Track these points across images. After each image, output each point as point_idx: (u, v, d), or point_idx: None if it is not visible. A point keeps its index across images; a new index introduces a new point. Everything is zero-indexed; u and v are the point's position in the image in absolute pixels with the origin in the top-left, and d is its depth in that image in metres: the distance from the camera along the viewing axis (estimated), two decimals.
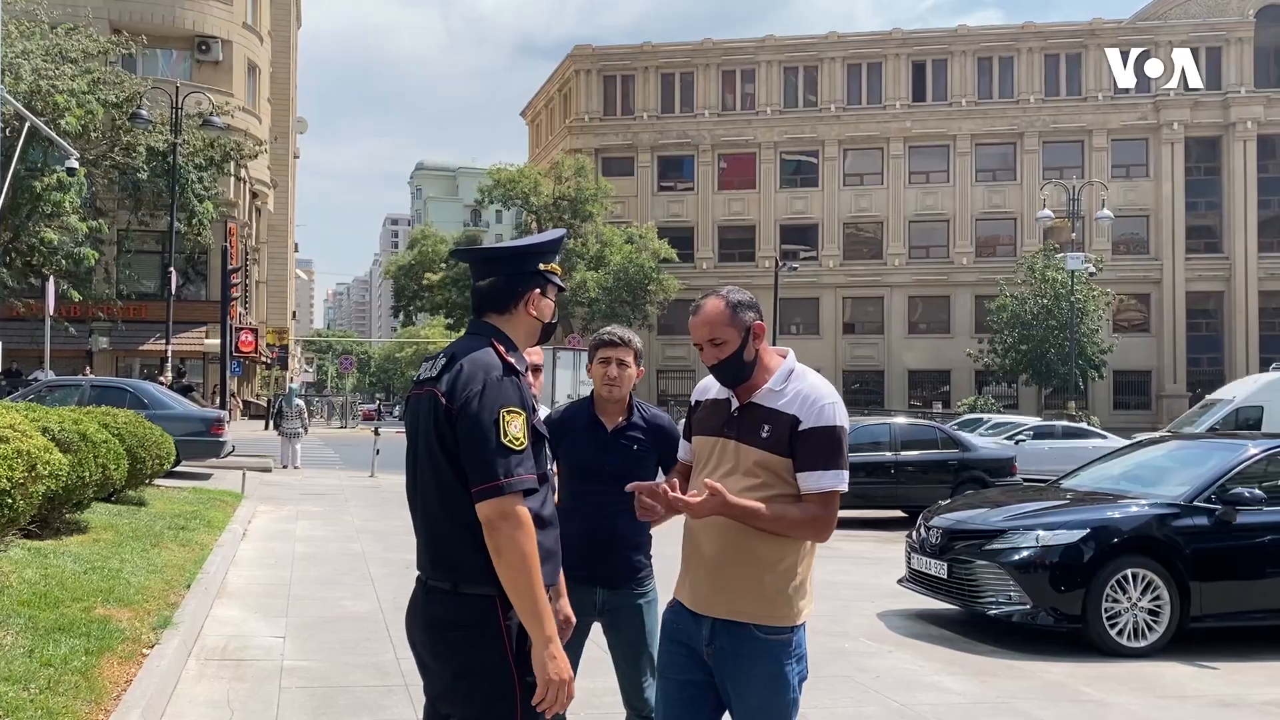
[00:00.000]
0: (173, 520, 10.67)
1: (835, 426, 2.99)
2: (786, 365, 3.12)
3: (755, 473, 3.03)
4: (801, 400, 3.02)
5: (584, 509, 3.79)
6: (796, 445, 2.99)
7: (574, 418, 3.99)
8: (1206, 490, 7.85)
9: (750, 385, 3.10)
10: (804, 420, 2.99)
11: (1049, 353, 42.31)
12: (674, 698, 3.22)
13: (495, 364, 2.65)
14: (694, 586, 3.15)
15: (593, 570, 3.76)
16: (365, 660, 6.53)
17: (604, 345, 3.89)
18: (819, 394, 3.03)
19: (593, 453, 3.86)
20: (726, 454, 3.09)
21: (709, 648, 3.10)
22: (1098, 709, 6.13)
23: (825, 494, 2.98)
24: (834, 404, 3.02)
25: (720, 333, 3.06)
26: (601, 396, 3.92)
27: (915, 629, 8.14)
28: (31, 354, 31.11)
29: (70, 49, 28.39)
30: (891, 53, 53.29)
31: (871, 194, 53.08)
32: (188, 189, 30.88)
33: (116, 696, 4.97)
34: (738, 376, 3.10)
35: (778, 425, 3.01)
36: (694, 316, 3.14)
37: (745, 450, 3.05)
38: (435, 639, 2.67)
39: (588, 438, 3.88)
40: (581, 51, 56.42)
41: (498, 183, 50.03)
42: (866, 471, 15.63)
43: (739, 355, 3.07)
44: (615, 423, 3.89)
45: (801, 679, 3.10)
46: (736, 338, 3.07)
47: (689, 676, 3.17)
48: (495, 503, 2.52)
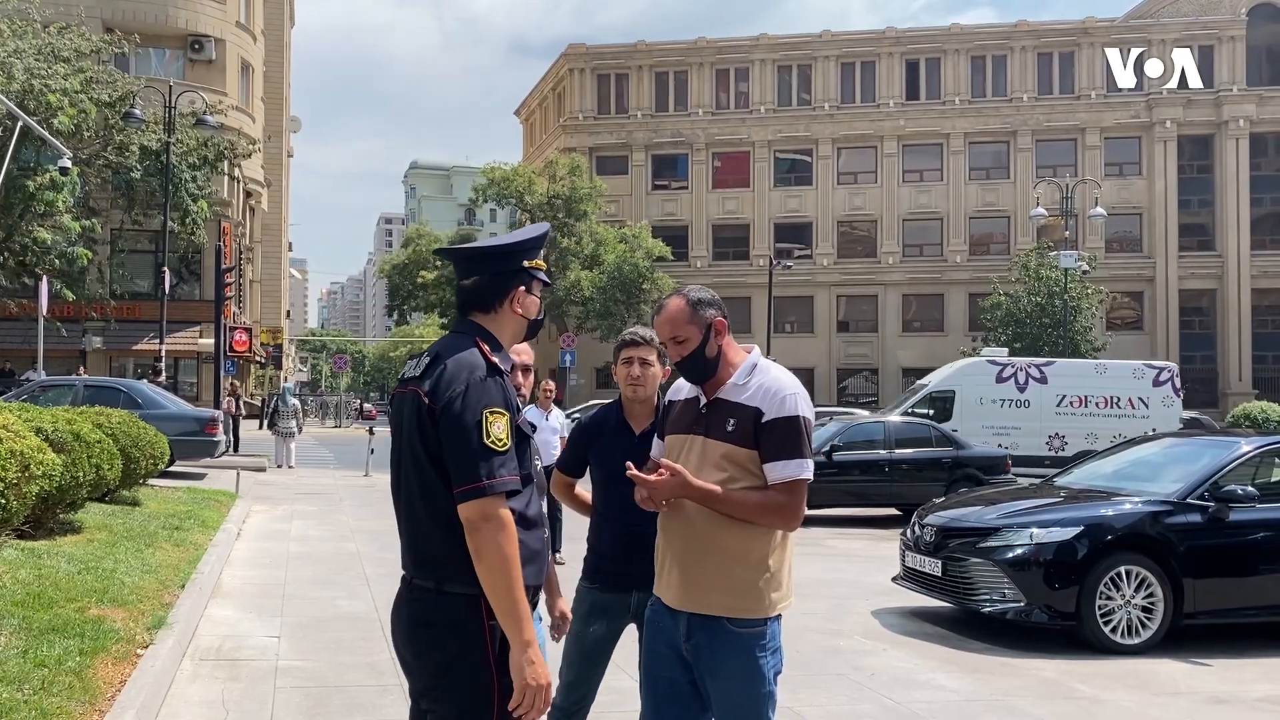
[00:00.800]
0: (167, 520, 10.66)
1: (798, 416, 3.04)
2: (750, 360, 3.18)
3: (723, 466, 3.07)
4: (764, 392, 3.08)
5: (616, 514, 3.78)
6: (761, 437, 3.04)
7: (603, 422, 3.98)
8: (1200, 487, 7.88)
9: (716, 382, 3.16)
10: (767, 412, 3.04)
11: (1042, 351, 42.29)
12: (658, 696, 3.24)
13: (479, 364, 2.64)
14: (668, 583, 3.19)
15: (627, 574, 3.74)
16: (360, 660, 6.54)
17: (626, 345, 3.87)
18: (780, 385, 3.09)
19: (622, 457, 3.85)
20: (695, 450, 3.15)
21: (687, 644, 3.13)
22: (1092, 706, 6.15)
23: (791, 483, 3.02)
24: (796, 394, 3.08)
25: (681, 330, 3.13)
26: (628, 398, 3.89)
27: (910, 627, 8.16)
28: (24, 354, 31.04)
29: (63, 48, 28.26)
30: (885, 51, 53.32)
31: (865, 192, 53.11)
32: (181, 188, 30.77)
33: (111, 697, 4.96)
34: (702, 373, 3.16)
35: (742, 418, 3.07)
36: (657, 316, 3.22)
37: (712, 445, 3.11)
38: (417, 637, 2.67)
39: (616, 442, 3.85)
40: (575, 50, 56.38)
41: (492, 182, 49.95)
42: (861, 469, 15.69)
43: (700, 352, 3.13)
44: (643, 426, 3.85)
45: (777, 672, 3.12)
46: (698, 335, 3.13)
47: (672, 675, 3.19)
48: (477, 504, 2.51)
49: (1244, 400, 44.21)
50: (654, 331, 3.91)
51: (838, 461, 15.39)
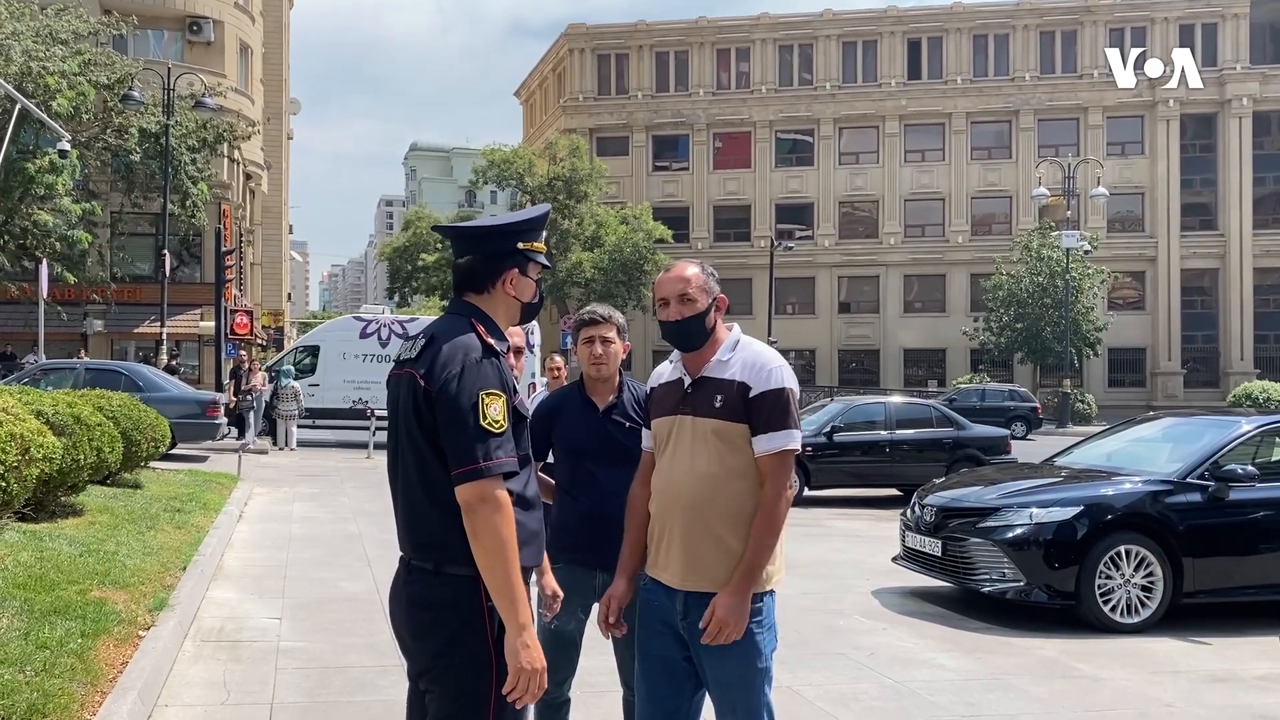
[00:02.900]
0: (168, 503, 10.68)
1: (784, 389, 3.10)
2: (733, 337, 3.24)
3: (713, 443, 3.11)
4: (748, 367, 3.13)
5: (580, 492, 3.80)
6: (750, 411, 3.08)
7: (562, 402, 3.98)
8: (1200, 467, 7.88)
9: (701, 358, 3.20)
10: (754, 386, 3.10)
11: (1044, 331, 42.34)
12: (654, 676, 3.26)
13: (475, 345, 2.63)
14: (665, 563, 3.21)
15: (591, 553, 3.73)
16: (361, 641, 6.56)
17: (586, 325, 3.88)
18: (764, 359, 3.15)
19: (585, 434, 3.86)
20: (683, 430, 3.18)
21: (683, 622, 3.16)
22: (1091, 684, 6.17)
23: (781, 453, 3.08)
24: (780, 368, 3.14)
25: (694, 291, 3.18)
26: (591, 377, 3.90)
27: (910, 606, 8.18)
28: (25, 337, 31.05)
29: (60, 30, 28.15)
30: (887, 30, 53.04)
31: (867, 173, 52.94)
32: (181, 171, 30.70)
33: (113, 678, 4.98)
34: (696, 339, 3.19)
35: (729, 393, 3.11)
36: (667, 273, 3.26)
37: (701, 422, 3.14)
38: (416, 618, 2.67)
39: (581, 420, 3.87)
40: (575, 30, 56.10)
41: (492, 163, 49.78)
42: (862, 450, 15.68)
43: (702, 318, 3.18)
44: (606, 402, 3.88)
45: (772, 648, 3.16)
46: (706, 301, 3.19)
47: (668, 654, 3.22)
48: (474, 486, 2.51)
49: (1246, 380, 44.23)
50: (612, 309, 3.94)
51: (838, 442, 15.39)
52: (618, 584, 3.37)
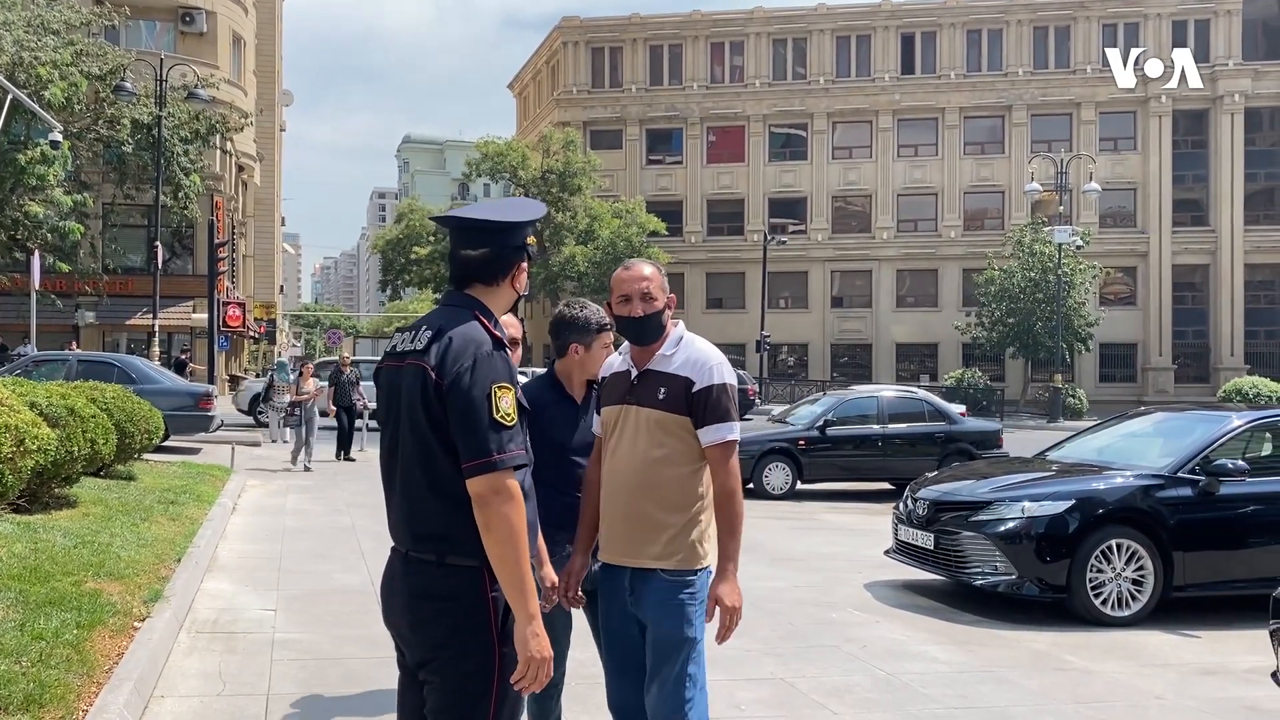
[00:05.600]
0: (162, 495, 10.68)
1: (724, 384, 3.38)
2: (676, 333, 3.48)
3: (655, 432, 3.37)
4: (691, 364, 3.39)
5: (562, 485, 3.80)
6: (694, 405, 3.34)
7: (541, 394, 3.94)
8: (1190, 461, 7.92)
9: (648, 352, 3.43)
10: (697, 381, 3.36)
11: (1036, 326, 42.40)
12: (619, 656, 3.50)
13: (484, 338, 2.62)
14: (612, 542, 3.46)
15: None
16: (356, 632, 6.57)
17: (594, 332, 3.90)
18: (706, 357, 3.41)
19: (567, 428, 3.87)
20: (629, 419, 3.43)
21: (630, 597, 3.40)
22: (1081, 677, 6.21)
23: (725, 443, 3.36)
24: (720, 364, 3.41)
25: (654, 289, 3.43)
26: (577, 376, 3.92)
27: (902, 599, 8.22)
28: (17, 329, 30.96)
29: (52, 20, 28.02)
30: (880, 25, 53.02)
31: (860, 167, 52.95)
32: (173, 162, 30.60)
33: (108, 669, 5.00)
34: (652, 335, 3.43)
35: (673, 387, 3.37)
36: (627, 271, 3.49)
37: (644, 413, 3.39)
38: (418, 609, 2.66)
39: (561, 415, 3.88)
40: (569, 23, 55.97)
41: (485, 156, 49.70)
42: (854, 444, 15.72)
43: (659, 316, 3.42)
44: (582, 395, 3.93)
45: (702, 621, 3.39)
46: (663, 300, 3.44)
47: (629, 632, 3.45)
48: (488, 478, 2.51)
49: (1236, 375, 44.34)
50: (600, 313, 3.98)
51: (831, 436, 15.42)
52: (574, 560, 3.59)
